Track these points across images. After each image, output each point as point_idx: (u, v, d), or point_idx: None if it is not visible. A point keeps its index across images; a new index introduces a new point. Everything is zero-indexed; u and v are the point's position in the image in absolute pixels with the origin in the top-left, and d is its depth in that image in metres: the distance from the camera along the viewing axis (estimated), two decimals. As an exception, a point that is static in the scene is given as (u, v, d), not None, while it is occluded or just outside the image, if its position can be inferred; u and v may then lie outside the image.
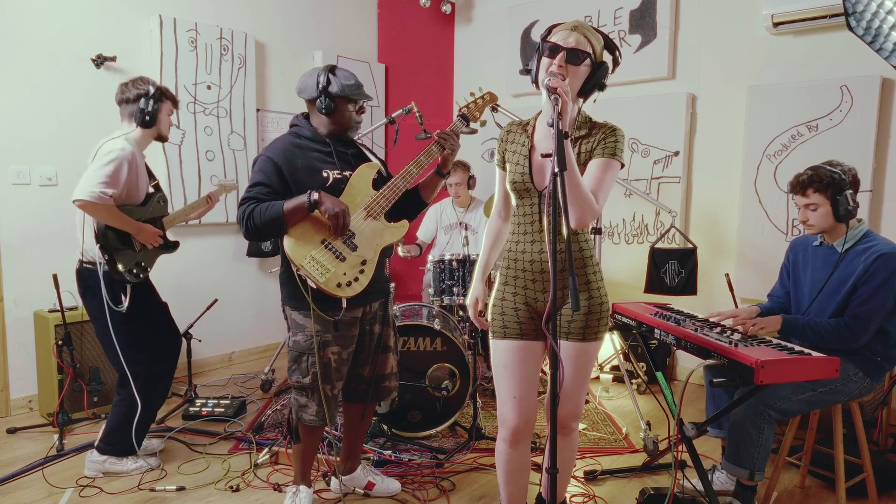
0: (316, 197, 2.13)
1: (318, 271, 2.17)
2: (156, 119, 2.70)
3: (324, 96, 2.29)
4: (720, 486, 2.56)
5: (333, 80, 2.30)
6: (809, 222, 2.43)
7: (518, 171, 1.96)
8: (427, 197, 2.49)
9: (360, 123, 2.41)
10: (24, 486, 2.70)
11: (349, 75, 2.34)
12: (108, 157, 2.53)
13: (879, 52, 1.39)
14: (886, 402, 3.04)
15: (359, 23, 5.31)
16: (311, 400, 2.32)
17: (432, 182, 2.47)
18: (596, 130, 1.91)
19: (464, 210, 4.40)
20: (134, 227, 2.65)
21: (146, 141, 2.76)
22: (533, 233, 1.96)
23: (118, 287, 2.66)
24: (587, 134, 1.91)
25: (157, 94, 2.68)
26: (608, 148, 1.87)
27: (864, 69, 3.46)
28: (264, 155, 2.25)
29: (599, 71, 1.86)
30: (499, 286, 2.04)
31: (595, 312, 1.94)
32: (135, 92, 2.68)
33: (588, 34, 1.85)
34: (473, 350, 3.28)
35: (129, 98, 2.69)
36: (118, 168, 2.54)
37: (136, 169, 2.64)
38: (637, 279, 4.05)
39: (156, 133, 2.77)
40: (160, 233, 2.76)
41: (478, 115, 2.57)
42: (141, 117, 2.67)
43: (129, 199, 2.66)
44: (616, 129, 1.91)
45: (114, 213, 2.56)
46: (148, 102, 2.66)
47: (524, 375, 1.98)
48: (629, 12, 4.39)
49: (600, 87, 1.89)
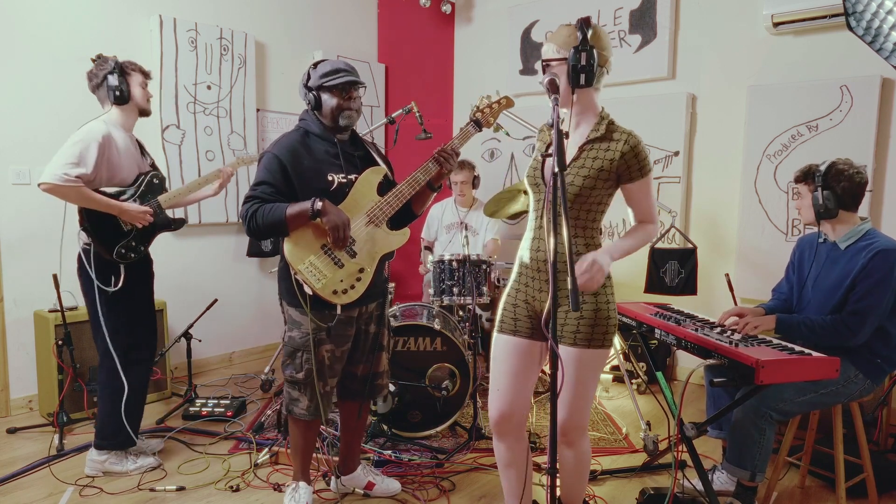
0: (319, 206, 2.13)
1: (314, 277, 2.17)
2: (128, 93, 2.67)
3: (307, 92, 2.31)
4: (720, 486, 2.56)
5: (312, 74, 2.31)
6: (800, 212, 2.55)
7: (532, 166, 2.01)
8: (418, 210, 2.47)
9: (353, 111, 2.33)
10: (24, 486, 2.70)
11: (328, 64, 2.32)
12: (75, 139, 2.53)
13: (879, 52, 1.39)
14: (886, 402, 3.04)
15: (359, 23, 5.31)
16: (302, 394, 2.33)
17: (423, 195, 2.44)
18: (616, 136, 1.88)
19: (466, 210, 4.40)
20: (114, 207, 2.59)
21: (128, 119, 2.73)
22: (534, 229, 1.97)
23: (112, 268, 2.65)
24: (605, 137, 1.89)
25: (119, 68, 2.64)
26: (644, 168, 1.88)
27: (864, 69, 3.46)
28: (271, 153, 2.24)
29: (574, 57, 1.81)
30: (511, 281, 2.07)
31: (589, 318, 1.87)
32: (100, 74, 2.65)
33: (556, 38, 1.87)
34: (473, 350, 3.28)
35: (97, 82, 2.67)
36: (84, 149, 2.52)
37: (112, 149, 2.61)
38: (637, 279, 4.04)
39: (135, 108, 2.73)
40: (148, 210, 2.67)
41: (491, 121, 2.51)
42: (112, 95, 2.64)
43: (114, 180, 2.63)
44: (639, 142, 1.87)
45: (83, 194, 2.51)
46: (115, 78, 2.62)
47: (510, 370, 1.98)
48: (629, 12, 4.39)
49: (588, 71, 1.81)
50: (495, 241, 4.28)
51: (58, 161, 2.48)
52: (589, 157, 1.89)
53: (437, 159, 2.35)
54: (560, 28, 1.89)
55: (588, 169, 1.88)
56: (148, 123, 3.62)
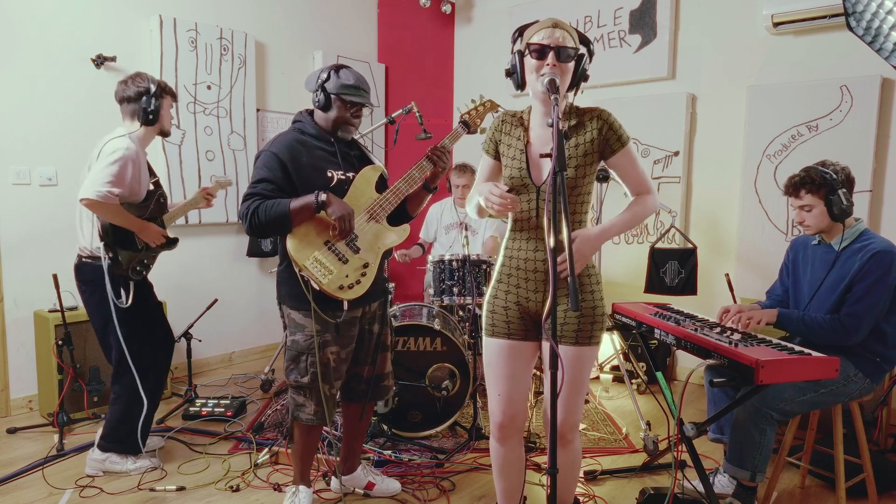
0: (324, 198, 2.13)
1: (320, 273, 2.17)
2: (158, 116, 2.69)
3: (320, 91, 2.30)
4: (721, 489, 2.56)
5: (333, 78, 2.30)
6: (805, 223, 2.44)
7: (515, 167, 1.94)
8: (413, 211, 2.50)
9: (352, 126, 2.37)
10: (24, 486, 2.70)
11: (353, 76, 2.33)
12: (114, 157, 2.53)
13: (879, 52, 1.39)
14: (886, 402, 3.04)
15: (359, 23, 5.32)
16: (308, 399, 2.32)
17: (419, 196, 2.46)
18: (586, 118, 1.92)
19: (465, 211, 4.39)
20: (138, 225, 2.65)
21: (149, 138, 2.76)
22: (529, 230, 1.93)
23: (120, 283, 2.66)
24: (577, 123, 1.92)
25: (158, 91, 2.67)
26: (621, 138, 1.90)
27: (864, 69, 3.46)
28: (269, 151, 2.24)
29: (582, 62, 1.88)
30: (493, 283, 2.02)
31: (588, 316, 1.89)
32: (135, 90, 2.66)
33: (567, 28, 1.87)
34: (473, 350, 3.28)
35: (129, 96, 2.67)
36: (123, 167, 2.54)
37: (139, 167, 2.65)
38: (637, 279, 4.04)
39: (158, 129, 2.76)
40: (163, 231, 2.76)
41: (478, 123, 2.58)
42: (144, 116, 2.65)
43: (131, 197, 2.66)
44: (604, 113, 1.92)
45: (119, 212, 2.56)
46: (150, 101, 2.64)
47: (509, 374, 1.97)
48: (629, 12, 4.39)
49: (584, 77, 1.91)
50: (494, 239, 4.28)
51: (99, 177, 2.48)
52: (572, 146, 1.90)
53: (430, 157, 2.38)
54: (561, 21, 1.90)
55: (576, 158, 1.88)
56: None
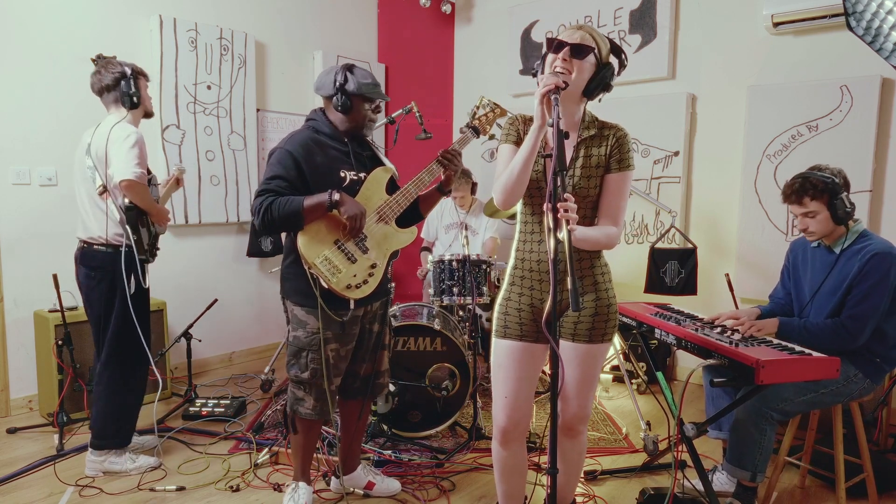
0: (337, 197, 2.15)
1: (329, 271, 2.18)
2: (140, 97, 2.70)
3: (340, 94, 2.30)
4: (720, 487, 2.56)
5: (350, 78, 2.31)
6: (810, 230, 2.42)
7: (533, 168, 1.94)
8: (425, 212, 2.53)
9: (374, 122, 2.44)
10: (24, 486, 2.70)
11: (366, 74, 2.36)
12: (131, 141, 2.56)
13: (879, 52, 1.39)
14: (886, 402, 3.04)
15: (359, 23, 5.32)
16: (307, 394, 2.34)
17: (432, 197, 2.50)
18: (606, 131, 1.92)
19: (465, 211, 4.40)
20: (154, 207, 2.71)
21: (138, 121, 2.77)
22: (541, 232, 1.95)
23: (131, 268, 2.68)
24: (597, 135, 1.93)
25: (133, 74, 2.67)
26: (624, 161, 1.90)
27: (864, 69, 3.46)
28: (284, 148, 2.25)
29: (605, 71, 1.87)
30: (506, 286, 2.03)
31: (602, 314, 1.93)
32: (111, 77, 2.66)
33: (594, 34, 1.87)
34: (473, 350, 3.28)
35: (108, 84, 2.67)
36: (141, 150, 2.60)
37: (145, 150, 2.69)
38: (637, 279, 4.04)
39: (143, 111, 2.78)
40: (169, 213, 2.79)
41: (488, 129, 2.64)
42: (129, 100, 2.66)
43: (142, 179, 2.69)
44: (625, 134, 1.93)
45: (147, 192, 2.63)
46: (129, 83, 2.65)
47: (517, 376, 1.98)
48: (629, 12, 4.39)
49: (606, 87, 1.89)
50: (494, 240, 4.29)
51: (128, 159, 2.53)
52: (585, 156, 1.91)
53: (440, 161, 2.40)
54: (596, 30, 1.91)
55: (590, 168, 1.90)
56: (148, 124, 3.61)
